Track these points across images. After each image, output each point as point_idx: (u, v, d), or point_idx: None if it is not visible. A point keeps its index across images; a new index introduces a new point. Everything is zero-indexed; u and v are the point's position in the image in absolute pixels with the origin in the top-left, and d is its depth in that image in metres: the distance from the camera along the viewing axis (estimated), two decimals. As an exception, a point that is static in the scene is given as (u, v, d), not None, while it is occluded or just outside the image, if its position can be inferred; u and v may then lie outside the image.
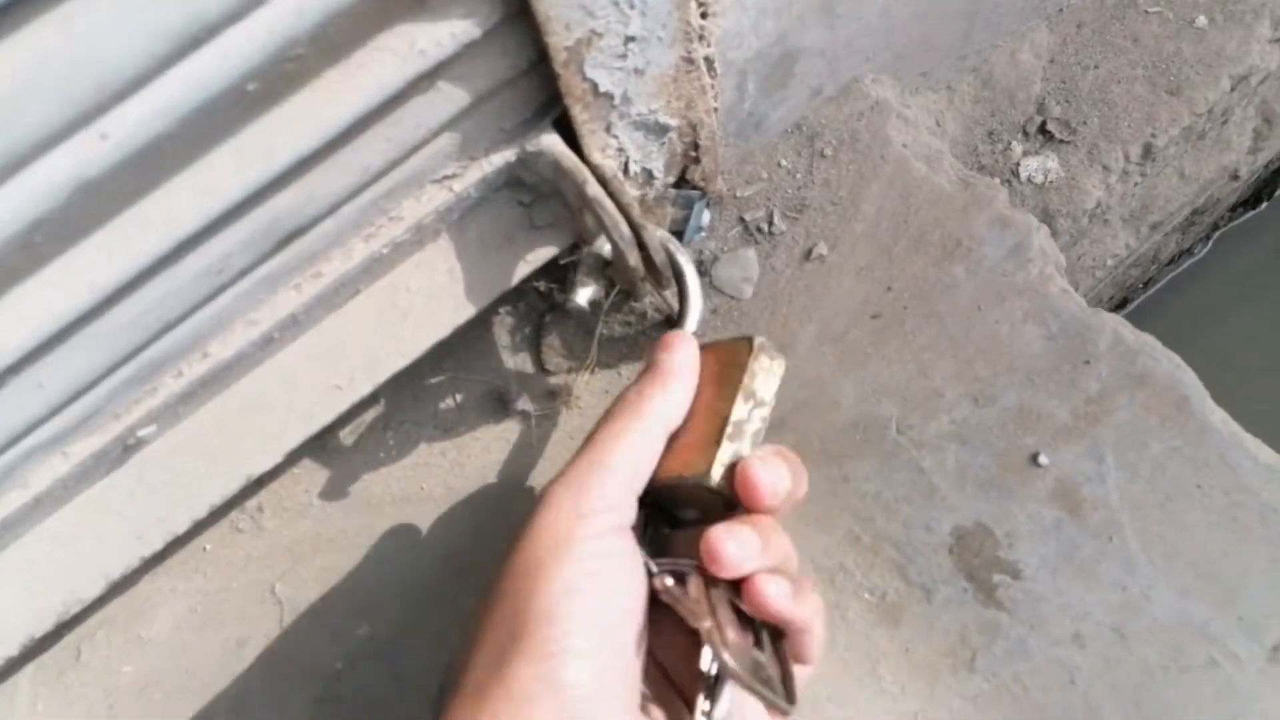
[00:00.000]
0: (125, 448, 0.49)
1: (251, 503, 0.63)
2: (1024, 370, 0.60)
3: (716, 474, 0.42)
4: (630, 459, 0.42)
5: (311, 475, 0.63)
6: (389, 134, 0.43)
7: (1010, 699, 0.54)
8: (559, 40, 0.45)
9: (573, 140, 0.49)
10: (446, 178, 0.49)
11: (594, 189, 0.48)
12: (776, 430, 0.61)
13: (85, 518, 0.50)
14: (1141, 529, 0.56)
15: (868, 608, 0.57)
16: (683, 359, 0.45)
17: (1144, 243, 0.95)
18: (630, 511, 0.42)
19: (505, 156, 0.49)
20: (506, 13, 0.42)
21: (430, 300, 0.52)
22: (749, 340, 0.45)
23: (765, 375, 0.45)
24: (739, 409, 0.44)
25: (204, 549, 0.62)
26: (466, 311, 0.53)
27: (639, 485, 0.43)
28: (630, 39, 0.47)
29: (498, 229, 0.52)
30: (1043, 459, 0.58)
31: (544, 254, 0.53)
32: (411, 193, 0.48)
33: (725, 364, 0.45)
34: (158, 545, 0.51)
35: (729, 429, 0.43)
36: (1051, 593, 0.56)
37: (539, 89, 0.48)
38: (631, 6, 0.46)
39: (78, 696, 0.59)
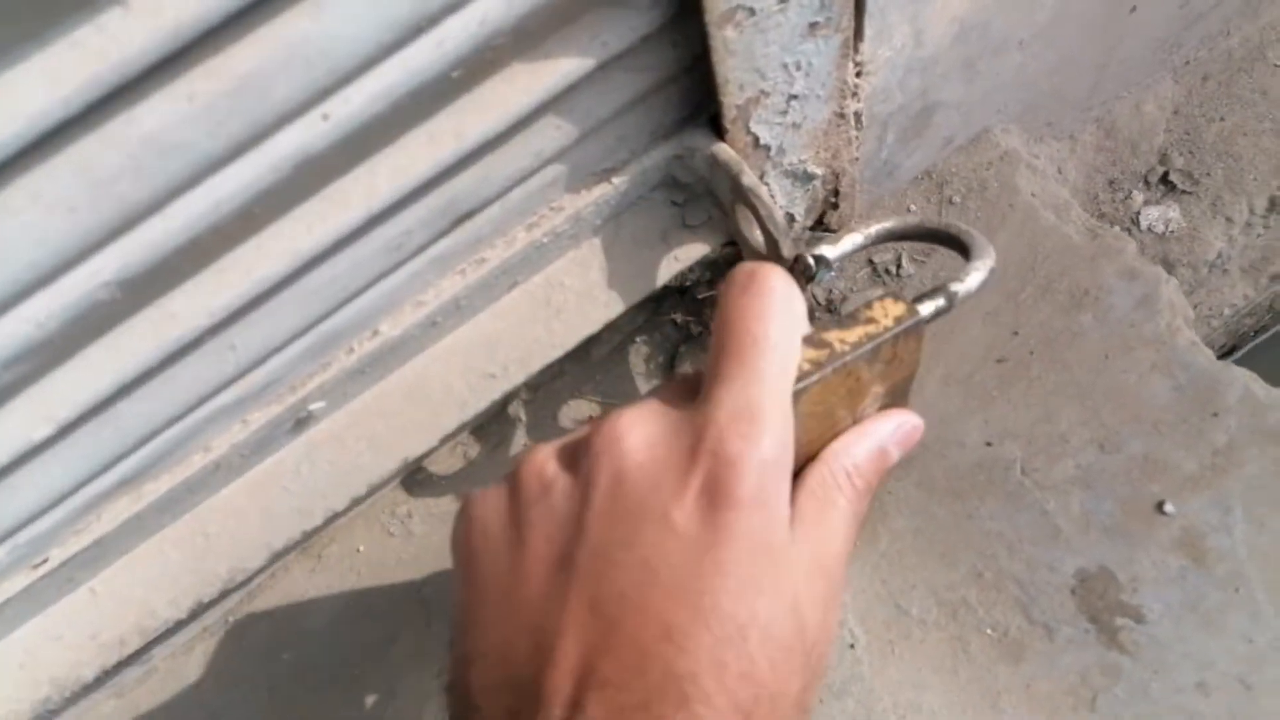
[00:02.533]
0: (297, 421, 0.53)
1: (402, 509, 0.68)
2: (1151, 420, 0.61)
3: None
4: None
5: (458, 484, 0.67)
6: (561, 122, 0.47)
7: (1131, 741, 0.55)
8: (731, 99, 0.48)
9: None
10: (608, 170, 0.52)
11: (750, 179, 0.50)
12: (903, 467, 0.63)
13: (254, 490, 0.54)
14: (1268, 582, 0.57)
15: (989, 643, 0.59)
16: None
17: (1262, 293, 0.95)
18: None
19: (664, 152, 0.53)
20: (680, 7, 0.44)
21: (583, 297, 0.56)
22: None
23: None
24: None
25: (358, 549, 0.67)
26: (617, 308, 0.56)
27: None
28: (793, 97, 0.51)
29: (651, 227, 0.56)
30: (1169, 507, 0.59)
31: (695, 252, 0.56)
32: (574, 184, 0.52)
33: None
34: (318, 521, 0.55)
35: None
36: (1175, 640, 0.57)
37: (697, 87, 0.51)
38: (798, 68, 0.49)
39: (241, 680, 0.65)
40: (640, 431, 0.35)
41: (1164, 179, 0.83)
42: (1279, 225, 0.88)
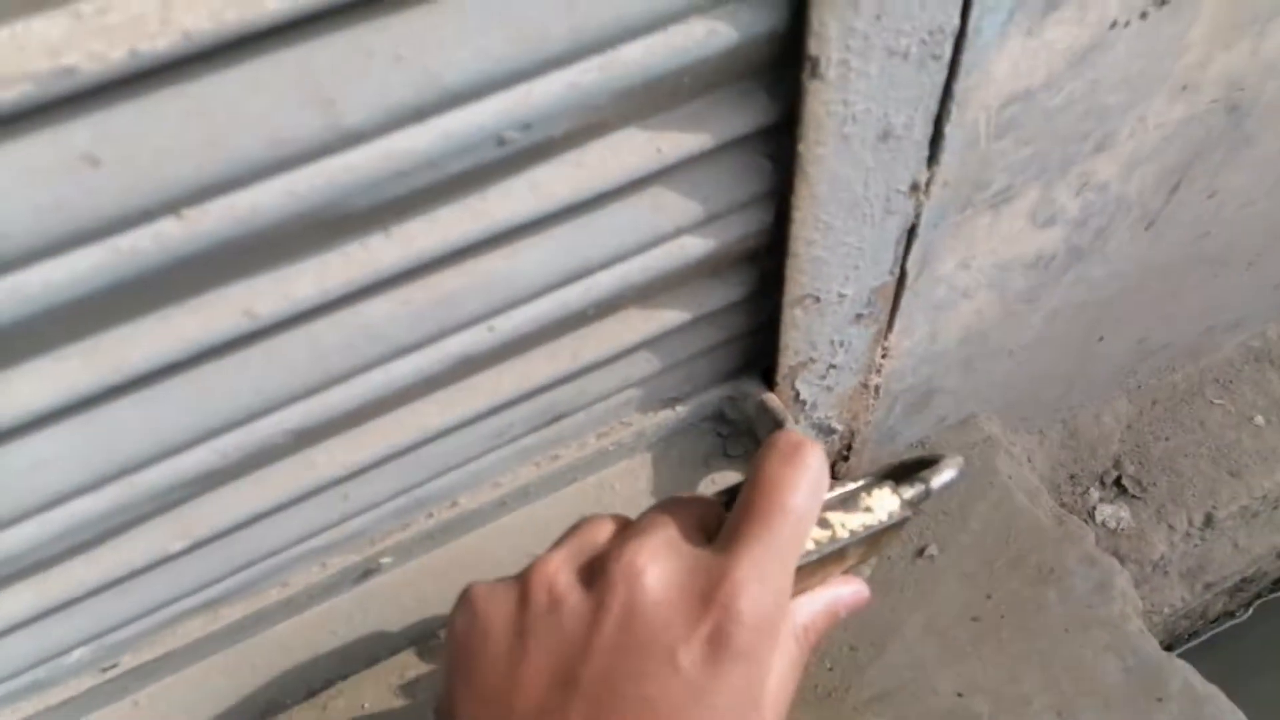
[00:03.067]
0: (365, 572, 0.58)
1: (410, 673, 0.71)
2: (1103, 695, 0.69)
3: None
4: None
5: (467, 660, 0.72)
6: (651, 356, 0.57)
7: None
8: (787, 361, 0.59)
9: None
10: (674, 399, 0.62)
11: (791, 426, 0.60)
12: (881, 703, 0.69)
13: (306, 630, 0.59)
14: None
15: None
16: None
17: (1197, 599, 1.05)
18: None
19: (721, 392, 0.63)
20: (763, 286, 0.55)
21: (628, 502, 0.64)
22: None
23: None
24: None
25: (363, 706, 0.70)
26: None
27: None
28: (833, 366, 0.62)
29: (697, 451, 0.65)
30: (1116, 780, 0.65)
31: (730, 479, 0.65)
32: (645, 406, 0.61)
33: None
34: (358, 666, 0.59)
35: None
36: None
37: (758, 346, 0.61)
38: (841, 345, 0.61)
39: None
40: (659, 568, 0.37)
41: (1117, 481, 0.95)
42: (1214, 539, 0.99)
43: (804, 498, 0.39)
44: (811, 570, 0.44)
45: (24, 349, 0.36)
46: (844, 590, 0.46)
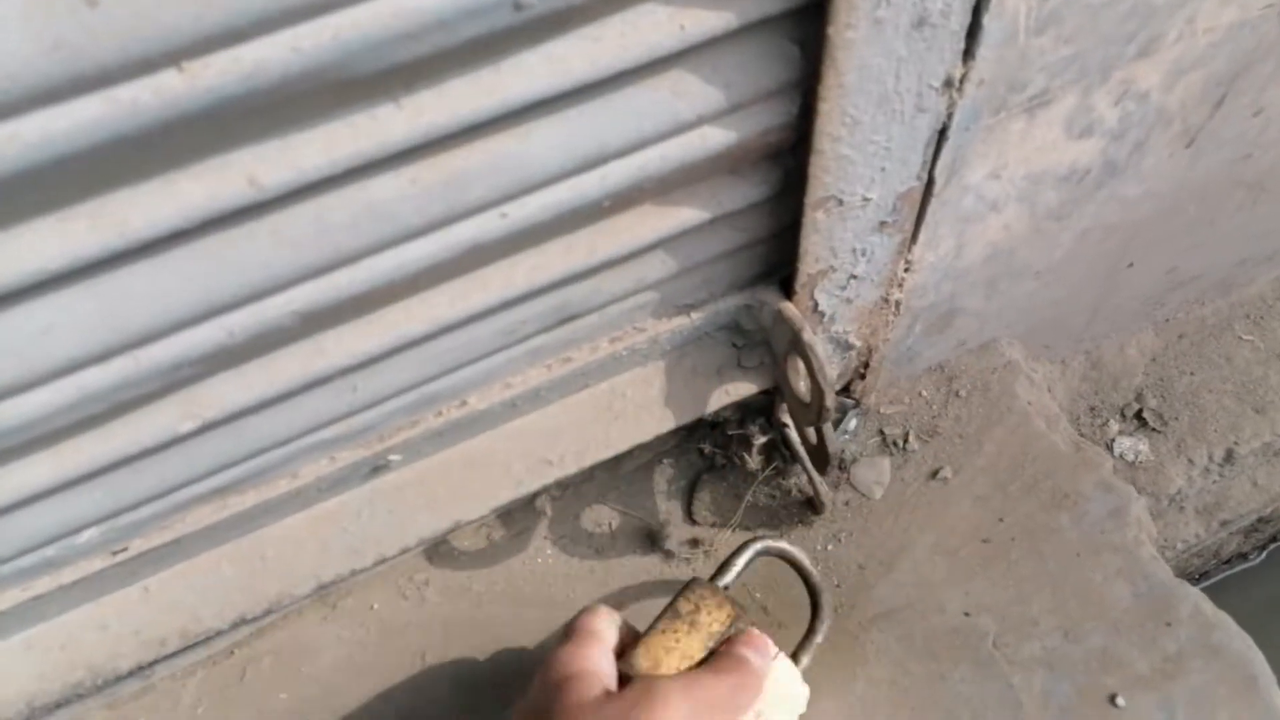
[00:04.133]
0: (373, 469, 0.58)
1: (420, 575, 0.72)
2: (1112, 619, 0.68)
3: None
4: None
5: (477, 563, 0.72)
6: (667, 258, 0.55)
7: None
8: (806, 268, 0.58)
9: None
10: (689, 306, 0.61)
11: (809, 336, 0.58)
12: (887, 620, 0.69)
13: (316, 524, 0.59)
14: (1203, 785, 0.62)
15: (947, 799, 0.63)
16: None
17: (1211, 536, 1.04)
18: None
19: (738, 300, 0.61)
20: (784, 186, 0.54)
21: (640, 409, 0.63)
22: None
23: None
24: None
25: (371, 606, 0.71)
26: (668, 424, 0.63)
27: None
28: (853, 277, 0.61)
29: (711, 362, 0.64)
30: (1120, 700, 0.65)
31: (743, 390, 0.64)
32: (659, 312, 0.60)
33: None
34: (368, 563, 0.59)
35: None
36: (1115, 825, 0.62)
37: (777, 252, 0.60)
38: (863, 254, 0.59)
39: (236, 710, 0.67)
40: None
41: (1138, 415, 0.93)
42: (1233, 476, 0.98)
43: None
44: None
45: (28, 207, 0.35)
46: None
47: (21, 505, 0.45)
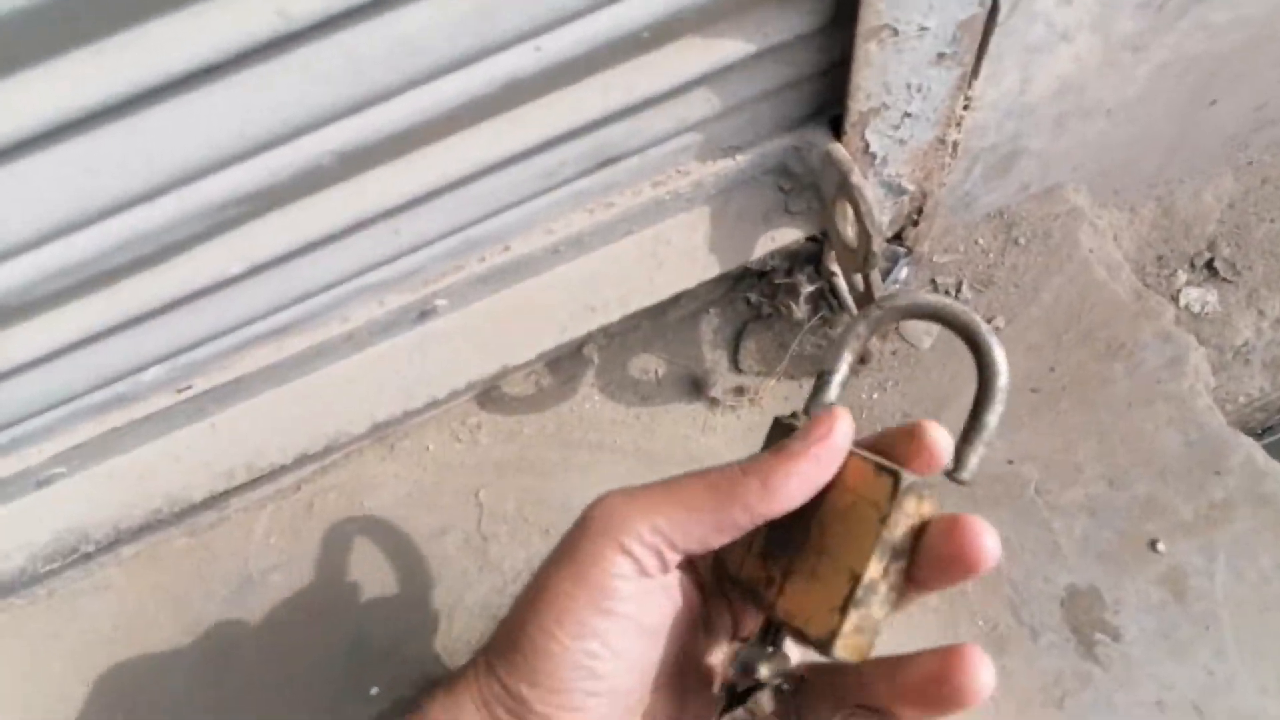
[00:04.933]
0: (422, 312, 0.59)
1: (472, 419, 0.75)
2: (1159, 467, 0.68)
3: (839, 649, 0.36)
4: (698, 526, 0.37)
5: (526, 408, 0.74)
6: (711, 95, 0.53)
7: (1089, 741, 0.62)
8: (857, 105, 0.55)
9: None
10: (734, 148, 0.59)
11: (858, 178, 0.56)
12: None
13: (370, 366, 0.61)
14: (1237, 626, 0.63)
15: (979, 632, 0.65)
16: (808, 466, 0.37)
17: (1277, 390, 1.01)
18: (672, 562, 0.39)
19: (785, 142, 0.59)
20: (835, 15, 0.51)
21: (684, 256, 0.62)
22: (895, 476, 0.36)
23: (909, 522, 0.37)
24: (873, 567, 0.36)
25: (427, 448, 0.74)
26: (712, 270, 0.63)
27: (695, 547, 0.38)
28: (907, 115, 0.58)
29: (757, 207, 0.63)
30: (1161, 546, 0.66)
31: (789, 236, 0.63)
32: (703, 154, 0.59)
33: (863, 491, 0.37)
34: (419, 404, 0.62)
35: (859, 592, 0.36)
36: (1145, 660, 0.63)
37: (826, 90, 0.57)
38: (919, 90, 0.56)
39: (306, 539, 0.71)
40: None
41: (1209, 265, 0.90)
42: (1305, 328, 0.94)
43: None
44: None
45: (63, 40, 0.35)
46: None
47: (86, 343, 0.47)
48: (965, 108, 0.61)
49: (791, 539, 0.39)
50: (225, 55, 0.37)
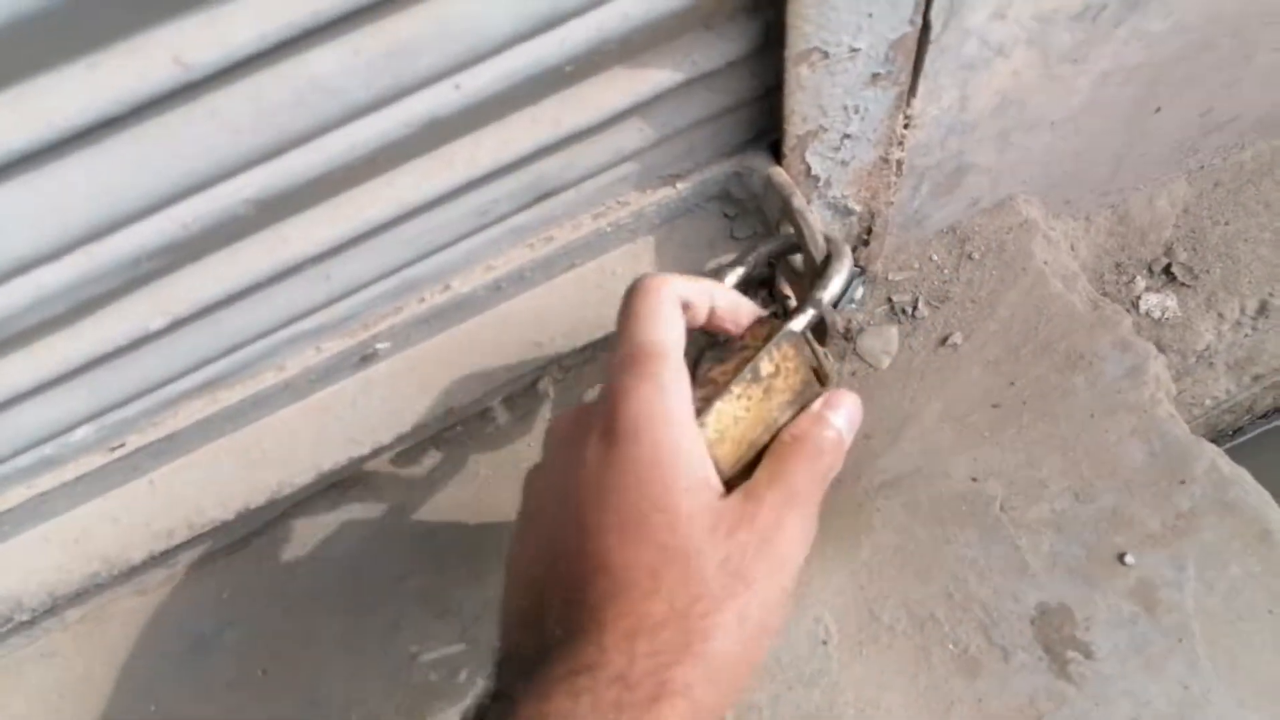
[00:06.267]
0: (363, 357, 0.58)
1: (428, 460, 0.73)
2: (1124, 478, 0.67)
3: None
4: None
5: (482, 446, 0.73)
6: (644, 125, 0.53)
7: (1067, 764, 0.60)
8: (794, 129, 0.55)
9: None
10: (673, 176, 0.58)
11: (800, 202, 0.55)
12: (893, 488, 0.69)
13: (311, 415, 0.60)
14: (1211, 638, 0.62)
15: (950, 657, 0.64)
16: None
17: (1243, 391, 1.01)
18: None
19: (725, 168, 0.59)
20: (765, 40, 0.50)
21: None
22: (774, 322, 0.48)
23: (771, 359, 0.46)
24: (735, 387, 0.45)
25: (380, 493, 0.72)
26: None
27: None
28: (847, 136, 0.57)
29: (702, 234, 0.62)
30: (1129, 559, 0.65)
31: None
32: (642, 183, 0.58)
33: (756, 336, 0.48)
34: (365, 451, 0.60)
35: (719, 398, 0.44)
36: (1119, 676, 0.62)
37: (763, 115, 0.57)
38: (856, 111, 0.55)
39: (260, 593, 0.69)
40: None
41: (1166, 270, 0.89)
42: (1266, 329, 0.94)
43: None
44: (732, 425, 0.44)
45: (-58, 102, 0.33)
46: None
47: (4, 406, 0.46)
48: (906, 126, 0.60)
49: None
50: (124, 107, 0.36)
